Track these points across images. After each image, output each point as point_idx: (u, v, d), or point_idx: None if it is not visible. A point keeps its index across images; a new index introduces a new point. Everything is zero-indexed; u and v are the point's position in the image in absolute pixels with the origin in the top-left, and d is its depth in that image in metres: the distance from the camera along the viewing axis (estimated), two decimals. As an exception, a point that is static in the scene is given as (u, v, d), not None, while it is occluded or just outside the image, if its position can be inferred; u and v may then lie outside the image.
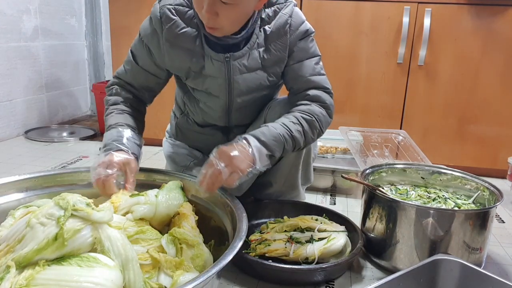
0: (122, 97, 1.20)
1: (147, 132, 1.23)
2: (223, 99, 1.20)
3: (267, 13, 1.14)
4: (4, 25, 2.18)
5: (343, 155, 1.77)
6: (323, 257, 1.07)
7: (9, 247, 0.76)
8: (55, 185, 1.10)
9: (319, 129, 1.13)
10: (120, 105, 1.18)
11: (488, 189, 1.14)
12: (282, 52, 1.15)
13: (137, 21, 2.04)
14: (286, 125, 1.07)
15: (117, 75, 1.23)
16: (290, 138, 1.06)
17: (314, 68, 1.17)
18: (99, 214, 0.77)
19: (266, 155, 1.02)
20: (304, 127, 1.09)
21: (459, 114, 1.89)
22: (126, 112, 1.16)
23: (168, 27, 1.11)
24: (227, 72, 1.14)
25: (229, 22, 1.03)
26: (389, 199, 1.07)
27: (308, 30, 1.17)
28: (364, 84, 1.94)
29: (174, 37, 1.12)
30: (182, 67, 1.17)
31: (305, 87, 1.16)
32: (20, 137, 2.31)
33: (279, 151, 1.05)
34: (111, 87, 1.22)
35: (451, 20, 1.80)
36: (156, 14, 1.12)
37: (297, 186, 1.36)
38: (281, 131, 1.05)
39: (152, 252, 0.86)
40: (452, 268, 0.88)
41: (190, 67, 1.16)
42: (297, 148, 1.11)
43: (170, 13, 1.11)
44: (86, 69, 2.91)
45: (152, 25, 1.14)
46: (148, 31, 1.15)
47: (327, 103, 1.16)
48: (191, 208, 1.03)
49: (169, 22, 1.11)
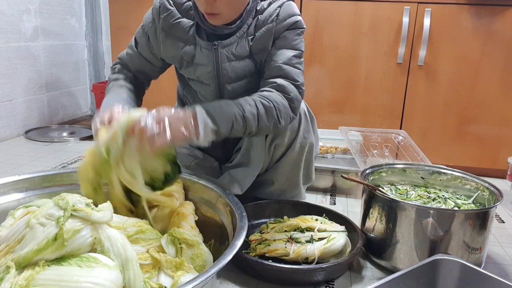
0: (123, 74, 1.27)
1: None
2: (213, 86, 1.22)
3: (262, 5, 1.16)
4: (4, 25, 2.18)
5: (343, 155, 1.77)
6: (323, 257, 1.07)
7: (9, 247, 0.76)
8: (55, 185, 1.11)
9: (275, 119, 1.08)
10: (121, 80, 1.25)
11: (488, 189, 1.14)
12: (267, 40, 1.15)
13: (137, 21, 2.03)
14: (241, 105, 1.04)
15: (120, 56, 1.31)
16: (242, 118, 1.02)
17: (290, 59, 1.14)
18: (99, 214, 0.78)
19: (211, 129, 0.97)
20: (260, 112, 1.05)
21: (459, 114, 1.89)
22: (126, 87, 1.23)
23: (164, 17, 1.17)
24: (215, 60, 1.16)
25: (226, 6, 1.05)
26: (389, 199, 1.07)
27: (297, 23, 1.16)
28: (364, 84, 1.94)
29: (169, 26, 1.18)
30: (175, 56, 1.21)
31: (275, 74, 1.13)
32: (20, 137, 2.31)
33: (226, 129, 1.00)
34: (114, 66, 1.31)
35: (451, 20, 1.80)
36: (156, 4, 1.19)
37: (299, 184, 1.36)
38: (234, 110, 1.02)
39: (153, 252, 0.86)
40: (452, 268, 0.88)
41: (182, 56, 1.20)
42: (248, 132, 1.06)
43: (167, 3, 1.17)
44: (86, 69, 2.91)
45: (152, 14, 1.21)
46: (149, 20, 1.22)
47: (291, 96, 1.11)
48: (192, 208, 1.03)
49: (166, 11, 1.17)
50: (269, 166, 1.31)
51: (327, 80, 1.96)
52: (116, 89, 1.21)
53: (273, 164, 1.30)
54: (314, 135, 1.31)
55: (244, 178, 1.27)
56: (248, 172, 1.27)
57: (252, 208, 1.26)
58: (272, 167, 1.31)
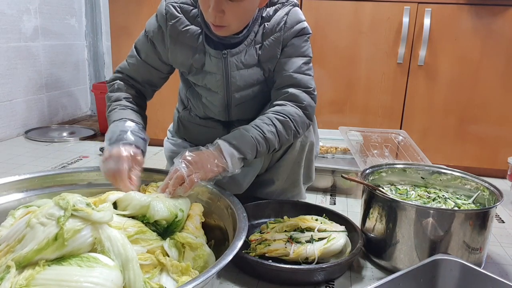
0: (124, 92, 1.22)
1: (147, 132, 1.23)
2: (221, 94, 1.22)
3: (268, 12, 1.16)
4: (4, 25, 2.18)
5: (343, 155, 1.77)
6: (323, 257, 1.07)
7: (9, 247, 0.76)
8: (55, 185, 1.11)
9: (294, 130, 1.12)
10: (123, 101, 1.20)
11: (488, 189, 1.14)
12: (275, 48, 1.16)
13: (137, 21, 2.05)
14: (259, 126, 1.07)
15: (120, 69, 1.26)
16: (263, 139, 1.06)
17: (301, 67, 1.16)
18: (99, 214, 0.78)
19: (238, 158, 1.03)
20: (278, 128, 1.09)
21: (459, 114, 1.89)
22: (129, 108, 1.18)
23: (172, 24, 1.15)
24: (225, 68, 1.17)
25: (235, 19, 1.05)
26: (389, 199, 1.07)
27: (304, 30, 1.17)
28: (364, 84, 1.94)
29: (178, 33, 1.15)
30: (184, 63, 1.20)
31: (286, 83, 1.16)
32: (20, 137, 2.31)
33: (252, 153, 1.06)
34: (112, 82, 1.24)
35: (451, 20, 1.80)
36: (161, 11, 1.16)
37: (299, 184, 1.36)
38: (254, 133, 1.06)
39: (159, 256, 0.85)
40: (452, 268, 0.88)
41: (192, 64, 1.19)
42: (272, 149, 1.11)
43: (175, 10, 1.15)
44: (86, 69, 2.91)
45: (157, 21, 1.18)
46: (153, 27, 1.18)
47: (305, 104, 1.14)
48: (199, 209, 1.03)
49: (174, 19, 1.15)
50: (269, 165, 1.32)
51: (327, 80, 1.96)
52: (120, 113, 1.15)
53: (274, 163, 1.30)
54: (314, 134, 1.32)
55: (244, 178, 1.27)
56: (248, 172, 1.28)
57: (252, 208, 1.26)
58: (273, 166, 1.31)
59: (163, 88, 1.34)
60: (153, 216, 0.90)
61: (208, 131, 1.34)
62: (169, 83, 1.33)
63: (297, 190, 1.37)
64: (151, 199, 0.92)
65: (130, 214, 0.90)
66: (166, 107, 2.00)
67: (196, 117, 1.36)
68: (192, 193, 1.02)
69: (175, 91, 1.46)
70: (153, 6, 1.99)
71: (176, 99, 1.47)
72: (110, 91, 1.23)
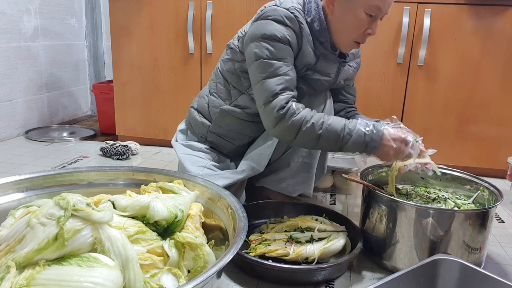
0: (306, 108, 1.14)
1: (147, 132, 1.23)
2: (320, 92, 1.30)
3: None
4: (4, 25, 2.18)
5: (343, 155, 1.77)
6: (323, 257, 1.08)
7: (9, 247, 0.76)
8: (55, 185, 1.11)
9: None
10: (322, 114, 1.15)
11: (488, 189, 1.14)
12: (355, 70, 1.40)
13: (137, 21, 2.05)
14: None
15: (283, 87, 1.12)
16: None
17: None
18: (99, 214, 0.78)
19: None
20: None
21: (459, 114, 1.89)
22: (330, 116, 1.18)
23: (303, 27, 1.18)
24: (337, 74, 1.29)
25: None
26: (389, 199, 1.07)
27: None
28: (364, 84, 1.94)
29: (306, 35, 1.19)
30: (308, 62, 1.22)
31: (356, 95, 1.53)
32: (20, 137, 2.31)
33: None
34: (286, 105, 1.11)
35: (451, 20, 1.80)
36: (287, 15, 1.16)
37: (312, 168, 1.36)
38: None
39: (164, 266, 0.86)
40: (452, 268, 0.88)
41: (311, 63, 1.23)
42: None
43: (299, 14, 1.18)
44: (86, 69, 2.91)
45: (287, 26, 1.16)
46: (285, 32, 1.15)
47: None
48: (199, 209, 1.03)
49: (302, 22, 1.18)
50: (286, 150, 1.34)
51: (327, 80, 1.95)
52: (339, 119, 1.14)
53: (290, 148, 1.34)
54: None
55: (259, 157, 1.31)
56: (262, 149, 1.31)
57: (252, 208, 1.26)
58: (290, 149, 1.34)
59: (163, 89, 1.33)
60: (153, 217, 0.90)
61: (252, 124, 1.33)
62: (169, 83, 1.32)
63: (308, 176, 1.36)
64: (151, 199, 0.92)
65: (130, 215, 0.91)
66: (166, 107, 1.99)
67: (243, 112, 1.32)
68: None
69: (175, 91, 1.46)
70: (153, 6, 1.99)
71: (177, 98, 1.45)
72: (290, 116, 1.10)
